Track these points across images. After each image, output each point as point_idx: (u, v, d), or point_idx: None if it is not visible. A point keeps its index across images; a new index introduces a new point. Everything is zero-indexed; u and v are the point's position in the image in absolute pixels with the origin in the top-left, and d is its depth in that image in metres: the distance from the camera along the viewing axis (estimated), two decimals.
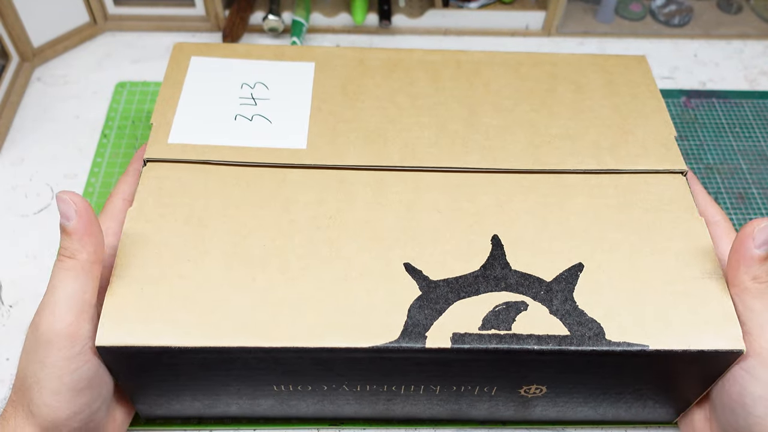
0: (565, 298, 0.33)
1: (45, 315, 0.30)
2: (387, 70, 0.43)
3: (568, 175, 0.38)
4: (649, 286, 0.34)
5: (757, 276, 0.32)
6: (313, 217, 0.36)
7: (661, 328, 0.32)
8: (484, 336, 0.32)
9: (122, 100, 0.57)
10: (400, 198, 0.37)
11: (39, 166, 0.53)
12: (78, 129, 0.55)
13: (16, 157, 0.53)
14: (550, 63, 0.44)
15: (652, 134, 0.40)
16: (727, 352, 0.32)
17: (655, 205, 0.37)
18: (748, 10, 0.67)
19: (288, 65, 0.43)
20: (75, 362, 0.31)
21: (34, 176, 0.52)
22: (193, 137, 0.38)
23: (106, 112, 0.56)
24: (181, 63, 0.42)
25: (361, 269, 0.34)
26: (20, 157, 0.53)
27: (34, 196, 0.51)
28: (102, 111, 0.56)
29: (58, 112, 0.56)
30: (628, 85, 0.43)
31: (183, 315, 0.32)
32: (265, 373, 0.33)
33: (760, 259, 0.32)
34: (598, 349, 0.32)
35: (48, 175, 0.52)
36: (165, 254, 0.34)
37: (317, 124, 0.40)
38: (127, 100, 0.57)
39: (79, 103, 0.57)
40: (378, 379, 0.34)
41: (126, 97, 0.57)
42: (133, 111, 0.56)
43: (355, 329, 0.32)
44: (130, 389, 0.34)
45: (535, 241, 0.35)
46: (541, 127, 0.40)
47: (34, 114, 0.56)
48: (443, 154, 0.39)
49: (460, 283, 0.34)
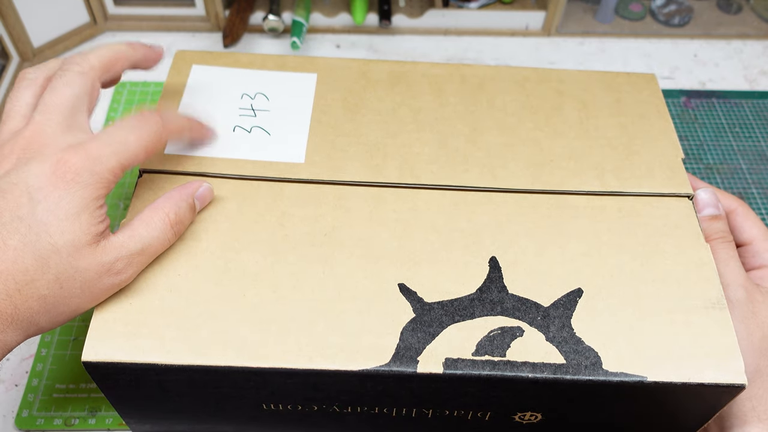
0: (562, 325, 0.32)
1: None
2: (390, 83, 0.42)
3: (570, 196, 0.37)
4: (649, 314, 0.33)
5: (706, 236, 0.37)
6: (308, 233, 0.35)
7: (661, 359, 0.32)
8: (477, 362, 0.31)
9: (122, 101, 0.57)
10: (398, 216, 0.36)
11: None
12: None
13: None
14: (557, 79, 0.43)
15: (659, 156, 0.39)
16: (728, 386, 0.31)
17: (659, 230, 0.36)
18: (748, 10, 0.67)
19: (290, 76, 0.42)
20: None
21: None
22: (190, 149, 0.38)
23: (106, 112, 0.56)
24: (182, 71, 0.42)
25: (354, 289, 0.33)
26: None
27: None
28: (102, 111, 0.56)
29: None
30: (636, 104, 0.42)
31: (171, 331, 0.31)
32: (253, 392, 0.32)
33: (704, 220, 0.37)
34: (594, 379, 0.31)
35: None
36: (155, 267, 0.33)
37: (316, 137, 0.39)
38: (127, 101, 0.57)
39: None
40: (368, 402, 0.33)
41: (126, 97, 0.57)
42: (133, 111, 0.56)
43: (345, 351, 0.31)
44: (118, 404, 0.34)
45: (534, 264, 0.35)
46: (544, 146, 0.40)
47: None
48: (443, 171, 0.38)
49: (455, 306, 0.33)
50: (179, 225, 0.33)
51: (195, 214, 0.35)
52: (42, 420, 0.41)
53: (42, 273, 0.29)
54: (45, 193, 0.29)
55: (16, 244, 0.28)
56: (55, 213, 0.29)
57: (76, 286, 0.30)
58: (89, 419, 0.41)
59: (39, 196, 0.29)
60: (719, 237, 0.37)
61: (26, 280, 0.28)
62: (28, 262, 0.28)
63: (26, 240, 0.29)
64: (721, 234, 0.37)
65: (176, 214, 0.33)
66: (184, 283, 0.33)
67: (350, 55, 0.62)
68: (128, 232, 0.31)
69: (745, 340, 0.34)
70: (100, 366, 0.30)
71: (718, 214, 0.38)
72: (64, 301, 0.30)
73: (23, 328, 0.29)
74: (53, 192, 0.29)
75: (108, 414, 0.42)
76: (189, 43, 0.62)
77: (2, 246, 0.28)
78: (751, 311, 0.35)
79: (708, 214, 0.37)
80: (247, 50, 0.62)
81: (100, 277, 0.30)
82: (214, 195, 0.36)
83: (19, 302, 0.28)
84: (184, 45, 0.62)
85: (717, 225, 0.37)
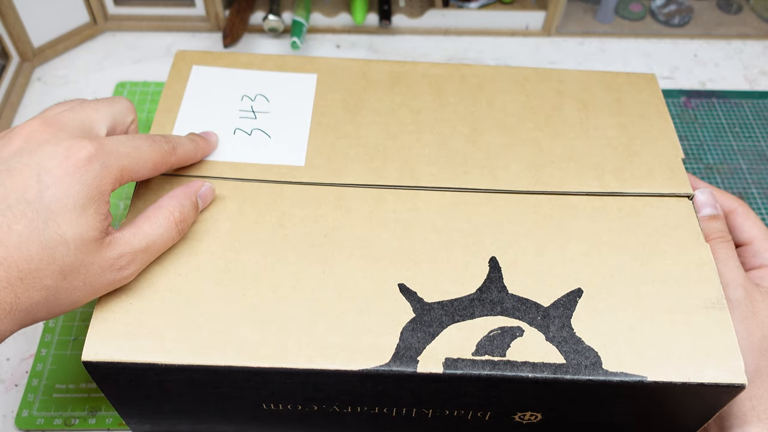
0: (562, 325, 0.32)
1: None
2: (390, 83, 0.42)
3: (570, 197, 0.37)
4: (649, 314, 0.33)
5: (705, 236, 0.37)
6: (309, 233, 0.35)
7: (661, 359, 0.32)
8: (477, 362, 0.31)
9: None
10: (398, 217, 0.36)
11: None
12: None
13: None
14: (557, 79, 0.43)
15: (659, 156, 0.39)
16: (727, 385, 0.31)
17: (659, 230, 0.36)
18: (748, 10, 0.67)
19: (290, 76, 0.42)
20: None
21: None
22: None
23: None
24: (182, 72, 0.42)
25: (354, 289, 0.33)
26: None
27: None
28: None
29: None
30: (636, 104, 0.42)
31: (171, 331, 0.31)
32: (253, 392, 0.32)
33: (703, 220, 0.37)
34: (594, 379, 0.31)
35: None
36: (156, 267, 0.33)
37: (316, 139, 0.39)
38: None
39: None
40: (368, 402, 0.33)
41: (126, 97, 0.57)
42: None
43: (345, 351, 0.31)
44: (118, 404, 0.34)
45: (534, 264, 0.35)
46: (544, 146, 0.40)
47: (34, 114, 0.55)
48: (443, 172, 0.38)
49: (455, 306, 0.33)
50: (183, 223, 0.33)
51: (198, 213, 0.35)
52: (42, 420, 0.41)
53: (47, 263, 0.28)
54: (55, 177, 0.28)
55: (22, 230, 0.27)
56: (63, 201, 0.28)
57: (79, 280, 0.29)
58: (89, 419, 0.41)
59: (48, 179, 0.28)
60: (718, 237, 0.37)
61: (30, 269, 0.28)
62: (34, 250, 0.28)
63: (33, 227, 0.28)
64: (720, 234, 0.37)
65: (180, 212, 0.33)
66: (185, 283, 0.33)
67: (350, 55, 0.62)
68: (132, 230, 0.31)
69: (745, 339, 0.34)
70: (100, 366, 0.30)
71: (716, 214, 0.38)
72: (65, 293, 0.29)
73: (20, 318, 0.28)
74: (64, 178, 0.29)
75: (108, 414, 0.42)
76: (189, 43, 0.62)
77: (7, 231, 0.27)
78: (750, 311, 0.35)
79: (706, 214, 0.38)
80: (247, 50, 0.62)
81: (104, 272, 0.30)
82: (215, 194, 0.36)
83: (21, 291, 0.28)
84: (184, 45, 0.62)
85: (715, 225, 0.37)
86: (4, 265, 0.27)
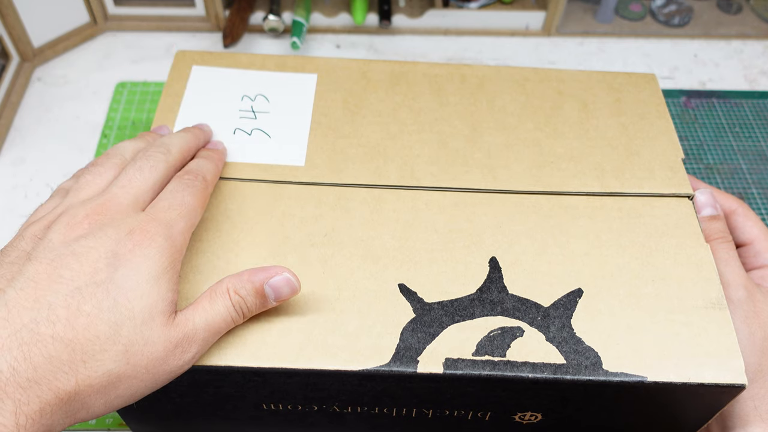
0: (562, 325, 0.32)
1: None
2: (390, 83, 0.42)
3: (571, 197, 0.37)
4: (649, 314, 0.33)
5: (706, 236, 0.37)
6: (309, 233, 0.35)
7: (661, 359, 0.32)
8: (477, 362, 0.31)
9: (122, 100, 0.57)
10: (398, 217, 0.36)
11: (39, 166, 0.52)
12: (78, 129, 0.55)
13: (16, 157, 0.53)
14: (557, 79, 0.43)
15: (659, 156, 0.39)
16: (727, 386, 0.31)
17: (659, 230, 0.36)
18: (748, 10, 0.67)
19: (290, 76, 0.42)
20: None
21: (34, 176, 0.52)
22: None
23: (106, 112, 0.56)
24: (182, 72, 0.42)
25: (354, 289, 0.33)
26: (20, 157, 0.53)
27: (34, 196, 0.51)
28: (102, 111, 0.56)
29: (59, 112, 0.56)
30: (637, 104, 0.42)
31: None
32: (253, 392, 0.32)
33: (703, 221, 0.38)
34: (594, 379, 0.31)
35: (48, 175, 0.52)
36: None
37: (317, 139, 0.39)
38: (127, 100, 0.57)
39: (80, 103, 0.56)
40: (368, 402, 0.33)
41: (126, 97, 0.57)
42: (133, 111, 0.56)
43: (345, 351, 0.31)
44: None
45: (534, 264, 0.35)
46: (545, 146, 0.40)
47: (34, 114, 0.56)
48: (443, 173, 0.38)
49: (455, 306, 0.33)
50: (242, 306, 0.31)
51: (263, 301, 0.31)
52: None
53: (113, 342, 0.27)
54: (124, 259, 0.28)
55: (90, 310, 0.27)
56: (135, 278, 0.28)
57: (143, 364, 0.28)
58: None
59: (117, 262, 0.28)
60: (719, 237, 0.37)
61: (94, 350, 0.26)
62: (101, 328, 0.27)
63: (102, 306, 0.27)
64: (721, 234, 0.37)
65: (236, 292, 0.31)
66: (185, 283, 0.33)
67: (350, 55, 0.62)
68: (191, 307, 0.30)
69: (747, 339, 0.34)
70: None
71: (716, 215, 0.38)
72: (126, 380, 0.27)
73: (74, 411, 0.27)
74: (132, 258, 0.28)
75: (108, 414, 0.41)
76: (189, 43, 0.62)
77: (75, 312, 0.27)
78: (752, 311, 0.35)
79: (706, 214, 0.38)
80: (247, 50, 0.62)
81: (167, 356, 0.28)
82: (297, 288, 0.32)
83: (82, 377, 0.26)
84: (184, 45, 0.62)
85: (716, 225, 0.37)
86: (70, 347, 0.26)
